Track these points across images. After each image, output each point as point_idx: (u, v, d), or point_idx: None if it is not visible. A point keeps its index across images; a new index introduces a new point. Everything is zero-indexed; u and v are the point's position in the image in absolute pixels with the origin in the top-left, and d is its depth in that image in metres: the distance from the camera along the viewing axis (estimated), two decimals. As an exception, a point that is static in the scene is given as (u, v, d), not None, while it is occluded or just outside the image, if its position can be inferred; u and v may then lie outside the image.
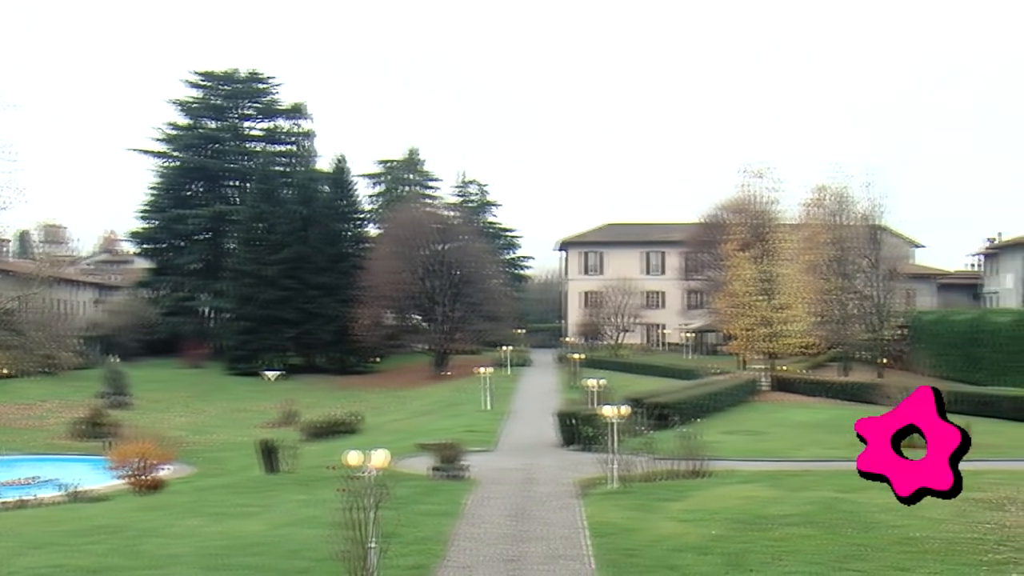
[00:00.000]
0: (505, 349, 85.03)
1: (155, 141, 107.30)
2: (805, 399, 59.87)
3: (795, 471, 31.16)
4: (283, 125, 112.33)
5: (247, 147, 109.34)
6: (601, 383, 46.36)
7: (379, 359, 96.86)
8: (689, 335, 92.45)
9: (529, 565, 19.18)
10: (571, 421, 41.50)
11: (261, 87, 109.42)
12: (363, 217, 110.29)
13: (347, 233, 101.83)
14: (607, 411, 29.72)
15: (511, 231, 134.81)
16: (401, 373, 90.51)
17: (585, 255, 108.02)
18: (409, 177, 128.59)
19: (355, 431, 52.61)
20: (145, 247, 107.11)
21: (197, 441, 53.73)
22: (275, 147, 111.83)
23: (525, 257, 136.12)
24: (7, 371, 65.96)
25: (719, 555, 19.26)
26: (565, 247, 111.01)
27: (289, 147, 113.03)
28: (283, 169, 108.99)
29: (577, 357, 74.28)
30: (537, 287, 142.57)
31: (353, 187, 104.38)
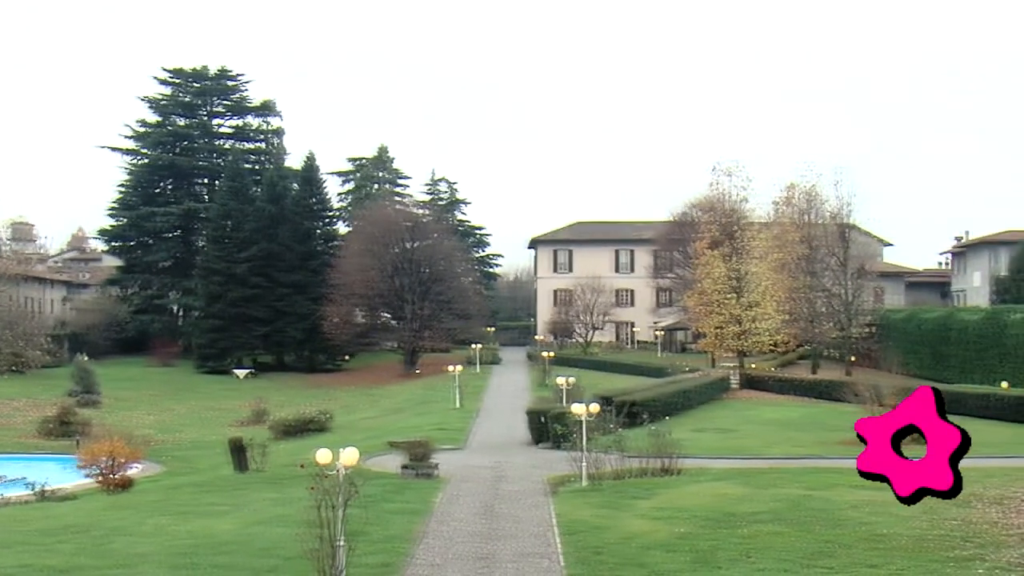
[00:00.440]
0: (475, 347, 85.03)
1: (125, 138, 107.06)
2: (775, 397, 60.20)
3: (765, 468, 31.26)
4: (253, 122, 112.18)
5: (217, 144, 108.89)
6: (571, 381, 46.27)
7: (349, 357, 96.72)
8: (659, 333, 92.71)
9: (499, 563, 19.16)
10: (541, 419, 41.50)
11: (231, 84, 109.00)
12: (333, 215, 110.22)
13: (317, 231, 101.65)
14: (577, 409, 29.78)
15: (481, 229, 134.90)
16: (371, 371, 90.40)
17: (555, 253, 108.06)
18: (379, 175, 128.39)
19: (325, 429, 52.50)
20: (114, 245, 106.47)
21: (167, 440, 53.52)
22: (245, 145, 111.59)
23: (495, 255, 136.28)
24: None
25: (688, 552, 19.30)
26: (535, 245, 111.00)
27: (259, 145, 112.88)
28: (253, 167, 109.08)
29: (547, 355, 74.28)
30: (507, 285, 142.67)
31: (323, 185, 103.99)
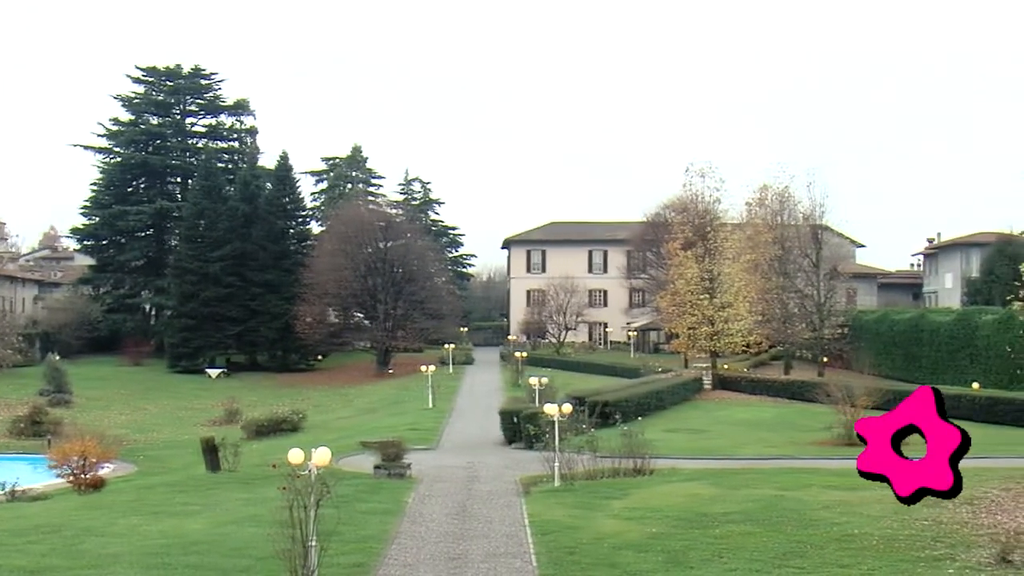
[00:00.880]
0: (449, 347, 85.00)
1: (98, 137, 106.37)
2: (747, 397, 60.36)
3: (737, 469, 31.43)
4: (226, 121, 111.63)
5: (190, 143, 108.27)
6: (544, 381, 46.50)
7: (322, 357, 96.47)
8: (632, 333, 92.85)
9: (471, 563, 19.19)
10: (514, 419, 41.59)
11: (204, 83, 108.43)
12: (307, 214, 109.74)
13: (290, 230, 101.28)
14: (550, 409, 29.85)
15: (455, 229, 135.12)
16: (344, 371, 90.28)
17: (528, 253, 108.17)
18: (353, 174, 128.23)
19: (298, 429, 52.46)
20: (87, 244, 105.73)
21: (139, 439, 53.35)
22: (218, 144, 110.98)
23: (469, 255, 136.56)
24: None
25: (660, 553, 19.36)
26: (509, 245, 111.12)
27: (232, 144, 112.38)
28: (226, 166, 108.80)
29: (520, 355, 74.32)
30: (481, 285, 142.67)
31: (296, 184, 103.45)
